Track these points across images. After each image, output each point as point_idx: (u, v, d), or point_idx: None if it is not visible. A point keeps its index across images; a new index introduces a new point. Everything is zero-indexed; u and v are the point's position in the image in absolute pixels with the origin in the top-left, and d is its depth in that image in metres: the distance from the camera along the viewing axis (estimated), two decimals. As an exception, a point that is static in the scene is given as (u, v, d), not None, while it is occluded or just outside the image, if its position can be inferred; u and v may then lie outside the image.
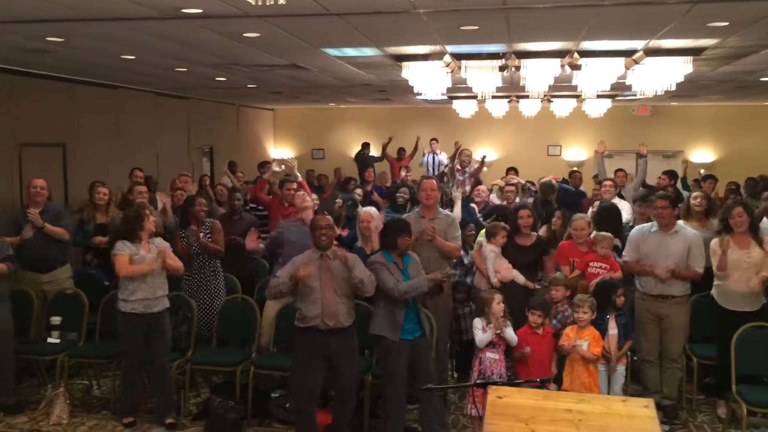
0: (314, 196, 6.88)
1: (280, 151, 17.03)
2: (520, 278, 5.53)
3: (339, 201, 7.51)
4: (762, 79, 9.09)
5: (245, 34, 5.91)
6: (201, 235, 5.93)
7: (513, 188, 8.41)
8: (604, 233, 5.60)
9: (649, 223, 5.53)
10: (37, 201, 6.11)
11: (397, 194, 7.37)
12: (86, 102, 9.64)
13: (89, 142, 9.63)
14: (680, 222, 5.59)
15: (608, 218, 6.11)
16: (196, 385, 5.91)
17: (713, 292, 5.37)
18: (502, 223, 5.88)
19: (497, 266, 5.59)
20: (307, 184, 7.66)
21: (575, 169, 11.48)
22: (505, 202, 7.98)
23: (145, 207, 5.78)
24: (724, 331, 5.13)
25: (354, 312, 4.77)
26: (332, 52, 7.08)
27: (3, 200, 7.87)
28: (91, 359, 5.90)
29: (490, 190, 9.35)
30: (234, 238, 6.37)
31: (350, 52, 7.13)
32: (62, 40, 6.12)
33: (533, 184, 9.80)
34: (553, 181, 8.03)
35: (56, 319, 5.85)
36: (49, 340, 5.79)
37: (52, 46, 6.39)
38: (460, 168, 9.53)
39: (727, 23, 5.27)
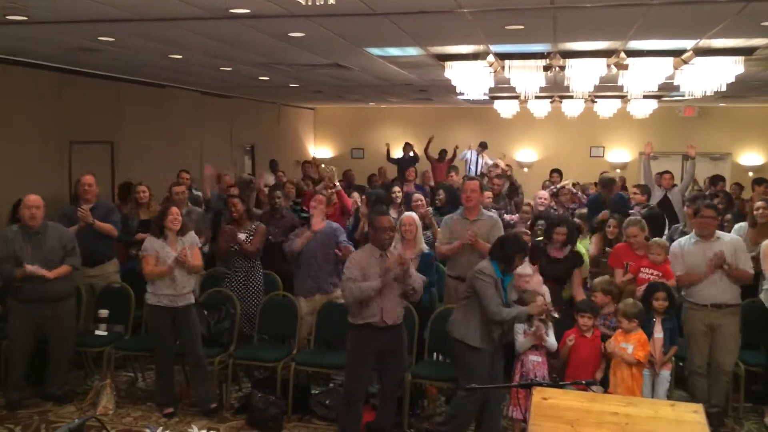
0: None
1: (320, 150, 17.15)
2: (547, 297, 5.42)
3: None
4: (816, 80, 8.81)
5: (290, 34, 5.96)
6: (243, 237, 6.01)
7: (567, 193, 8.19)
8: (659, 240, 5.51)
9: (686, 236, 5.42)
10: (87, 198, 6.28)
11: (434, 197, 7.30)
12: (134, 100, 9.85)
13: (136, 139, 9.85)
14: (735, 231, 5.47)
15: (653, 223, 6.03)
16: (237, 380, 5.99)
17: (762, 296, 5.23)
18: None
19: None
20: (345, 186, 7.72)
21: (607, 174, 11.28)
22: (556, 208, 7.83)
23: (177, 205, 5.88)
24: (770, 337, 5.01)
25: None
26: (375, 51, 7.10)
27: (53, 196, 8.09)
28: (136, 352, 6.02)
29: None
30: (270, 237, 6.42)
31: (393, 51, 7.14)
32: (113, 39, 6.27)
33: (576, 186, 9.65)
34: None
35: (104, 312, 6.01)
36: (97, 332, 5.95)
37: (103, 45, 6.55)
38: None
39: (782, 22, 5.13)
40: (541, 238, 5.84)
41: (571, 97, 10.82)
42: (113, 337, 5.94)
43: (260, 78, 9.56)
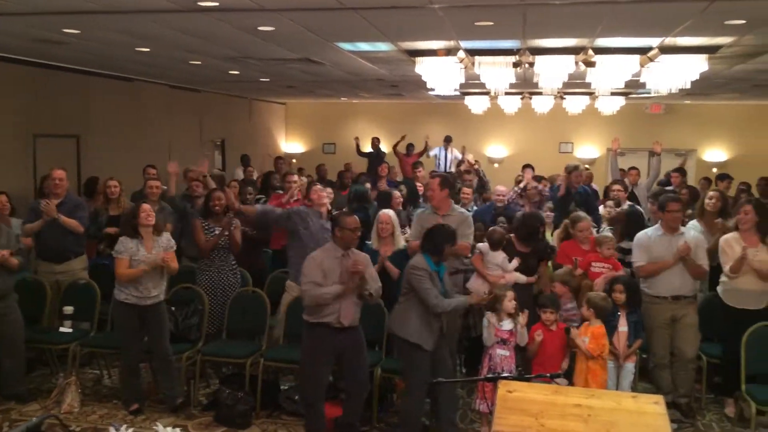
0: (329, 190, 6.85)
1: (291, 144, 17.07)
2: (522, 278, 5.49)
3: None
4: (778, 79, 9.02)
5: (260, 28, 5.92)
6: (232, 228, 5.97)
7: (533, 189, 8.29)
8: (606, 234, 5.61)
9: (652, 228, 5.52)
10: (57, 192, 6.18)
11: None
12: (101, 94, 9.70)
13: (103, 134, 9.69)
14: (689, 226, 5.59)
15: (631, 221, 6.14)
16: (206, 377, 5.95)
17: (719, 290, 5.37)
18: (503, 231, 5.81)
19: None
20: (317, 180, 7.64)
21: (586, 166, 11.44)
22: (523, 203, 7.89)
23: (150, 201, 5.80)
24: (731, 330, 5.13)
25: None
26: (346, 46, 7.08)
27: (17, 190, 7.93)
28: (102, 349, 5.94)
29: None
30: (245, 229, 6.35)
31: (364, 46, 7.13)
32: (78, 32, 6.16)
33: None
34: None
35: (69, 309, 5.91)
36: (62, 329, 5.85)
37: (68, 37, 6.43)
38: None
39: (744, 21, 5.23)
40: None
41: (540, 93, 10.96)
42: (78, 334, 5.85)
43: (230, 72, 9.48)
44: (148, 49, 7.29)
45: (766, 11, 4.87)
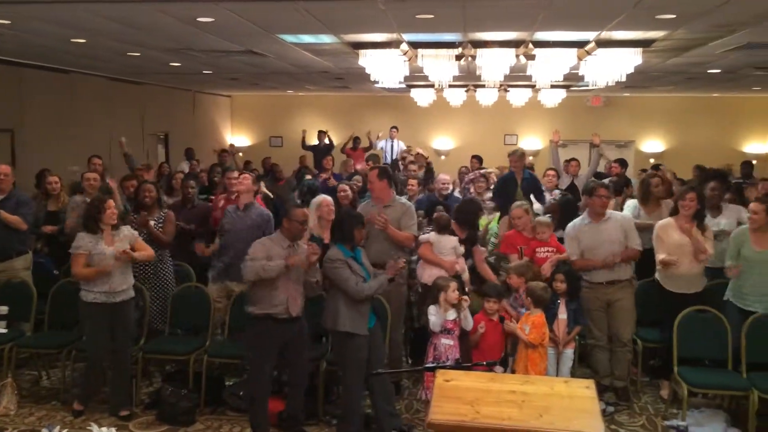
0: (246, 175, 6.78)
1: (237, 138, 16.86)
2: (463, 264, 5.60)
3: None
4: (709, 71, 9.35)
5: (199, 19, 5.82)
6: (152, 223, 5.84)
7: (483, 180, 8.38)
8: (541, 218, 5.73)
9: (580, 218, 5.66)
10: (2, 188, 5.98)
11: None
12: (36, 87, 9.38)
13: (39, 127, 9.38)
14: (627, 209, 5.76)
15: (565, 209, 6.29)
16: (148, 375, 5.85)
17: (657, 275, 5.54)
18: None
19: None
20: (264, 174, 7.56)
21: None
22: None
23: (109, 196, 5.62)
24: (667, 313, 5.32)
25: None
26: (288, 38, 7.03)
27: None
28: (40, 350, 5.77)
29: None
30: (179, 224, 6.25)
31: (307, 38, 7.09)
32: (9, 22, 5.94)
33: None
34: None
35: (2, 309, 5.72)
36: (-5, 329, 5.66)
37: (-2, 28, 6.20)
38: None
39: (674, 16, 5.40)
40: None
41: (484, 86, 11.09)
42: (15, 334, 5.67)
43: (171, 64, 9.30)
44: (83, 41, 7.08)
45: (694, 6, 5.05)
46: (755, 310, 5.14)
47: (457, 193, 8.09)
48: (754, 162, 12.11)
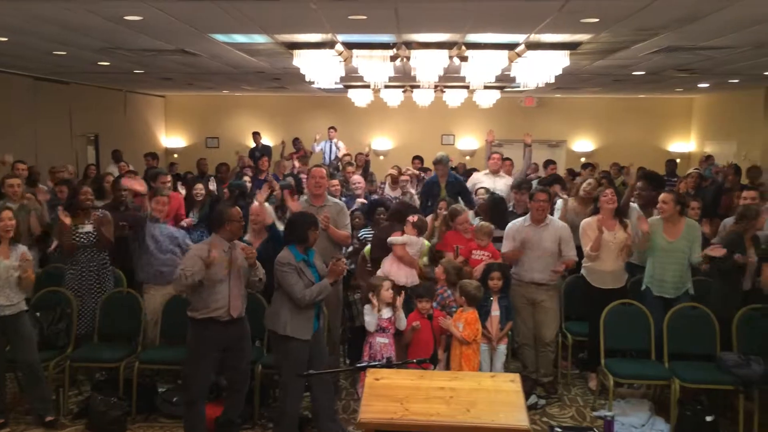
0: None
1: (172, 139, 16.51)
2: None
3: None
4: (634, 73, 9.70)
5: (126, 17, 5.67)
6: (90, 226, 5.67)
7: (408, 179, 8.51)
8: (483, 224, 5.85)
9: (522, 218, 5.82)
10: None
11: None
12: (-46, 86, 8.97)
13: (-43, 129, 8.97)
14: (557, 208, 5.93)
15: (495, 209, 6.42)
16: (77, 384, 5.69)
17: (583, 271, 5.74)
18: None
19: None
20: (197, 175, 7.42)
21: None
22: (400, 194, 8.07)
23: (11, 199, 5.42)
24: (593, 308, 5.51)
25: None
26: (221, 38, 6.93)
27: None
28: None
29: (383, 182, 9.42)
30: (123, 224, 6.09)
31: (240, 38, 7.00)
32: None
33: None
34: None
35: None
36: None
37: None
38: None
39: (597, 19, 5.58)
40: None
41: (420, 86, 11.20)
42: None
43: (100, 63, 9.02)
44: (5, 39, 6.80)
45: (615, 11, 5.23)
46: (669, 296, 5.41)
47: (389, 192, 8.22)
48: (678, 161, 12.61)
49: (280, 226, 5.79)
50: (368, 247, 5.83)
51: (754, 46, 6.95)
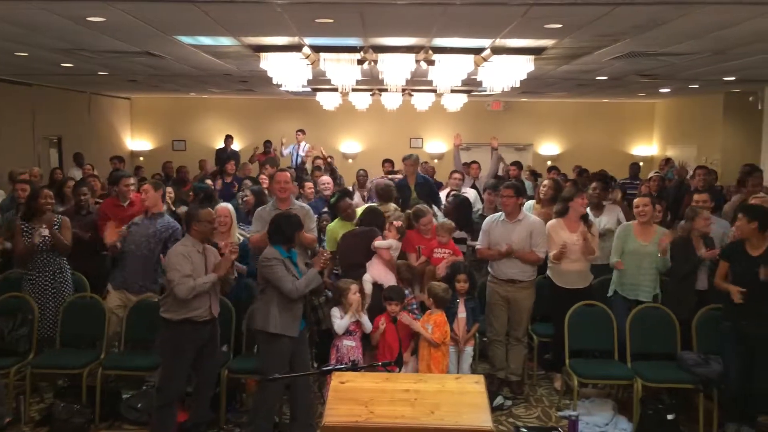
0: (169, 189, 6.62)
1: (138, 142, 16.29)
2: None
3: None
4: (598, 78, 9.86)
5: (89, 18, 5.59)
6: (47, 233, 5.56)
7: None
8: (443, 221, 5.91)
9: (498, 213, 5.89)
10: None
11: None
12: None
13: None
14: (525, 210, 6.01)
15: (460, 209, 6.48)
16: (39, 391, 5.57)
17: (549, 272, 5.82)
18: None
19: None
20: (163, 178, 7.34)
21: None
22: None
23: None
24: (559, 309, 5.59)
25: None
26: (186, 40, 6.87)
27: None
28: None
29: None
30: (75, 231, 5.99)
31: (206, 40, 6.95)
32: None
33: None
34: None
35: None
36: None
37: None
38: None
39: (561, 25, 5.67)
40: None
41: (388, 90, 11.24)
42: None
43: (63, 65, 8.86)
44: (-38, 39, 6.65)
45: (578, 17, 5.32)
46: (642, 299, 5.50)
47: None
48: (641, 164, 12.85)
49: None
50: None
51: (712, 53, 7.13)
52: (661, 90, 12.13)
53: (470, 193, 7.86)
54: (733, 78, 9.53)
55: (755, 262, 4.79)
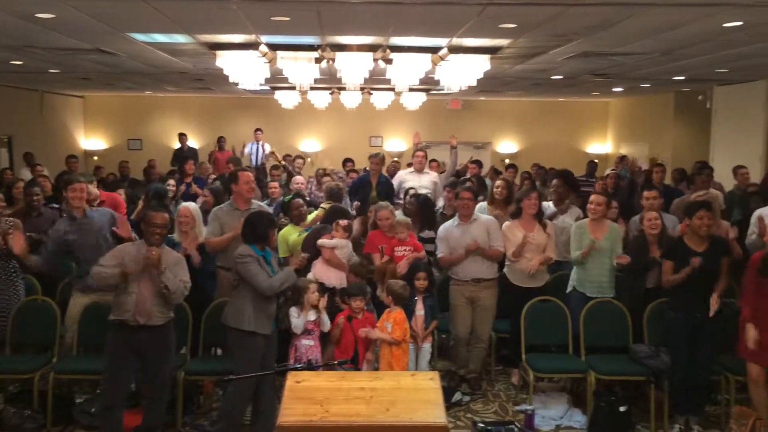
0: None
1: (92, 141, 15.95)
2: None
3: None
4: (553, 77, 10.03)
5: (38, 15, 5.46)
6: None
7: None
8: (400, 218, 5.93)
9: (451, 219, 5.96)
10: None
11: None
12: None
13: None
14: (477, 211, 6.08)
15: (423, 209, 6.53)
16: (-11, 397, 5.43)
17: (505, 270, 5.90)
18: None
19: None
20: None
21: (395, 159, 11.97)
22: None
23: None
24: (515, 306, 5.67)
25: (172, 311, 4.65)
26: (140, 37, 6.75)
27: None
28: None
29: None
30: (30, 234, 5.85)
31: (160, 38, 6.84)
32: None
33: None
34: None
35: None
36: None
37: None
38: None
39: (515, 25, 5.75)
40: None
41: (346, 88, 11.22)
42: None
43: (12, 62, 8.63)
44: None
45: (531, 17, 5.40)
46: (597, 296, 5.61)
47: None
48: (596, 161, 13.11)
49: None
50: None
51: (661, 53, 7.32)
52: (614, 89, 12.39)
53: (425, 180, 8.04)
54: (682, 78, 9.79)
55: (696, 255, 4.96)
